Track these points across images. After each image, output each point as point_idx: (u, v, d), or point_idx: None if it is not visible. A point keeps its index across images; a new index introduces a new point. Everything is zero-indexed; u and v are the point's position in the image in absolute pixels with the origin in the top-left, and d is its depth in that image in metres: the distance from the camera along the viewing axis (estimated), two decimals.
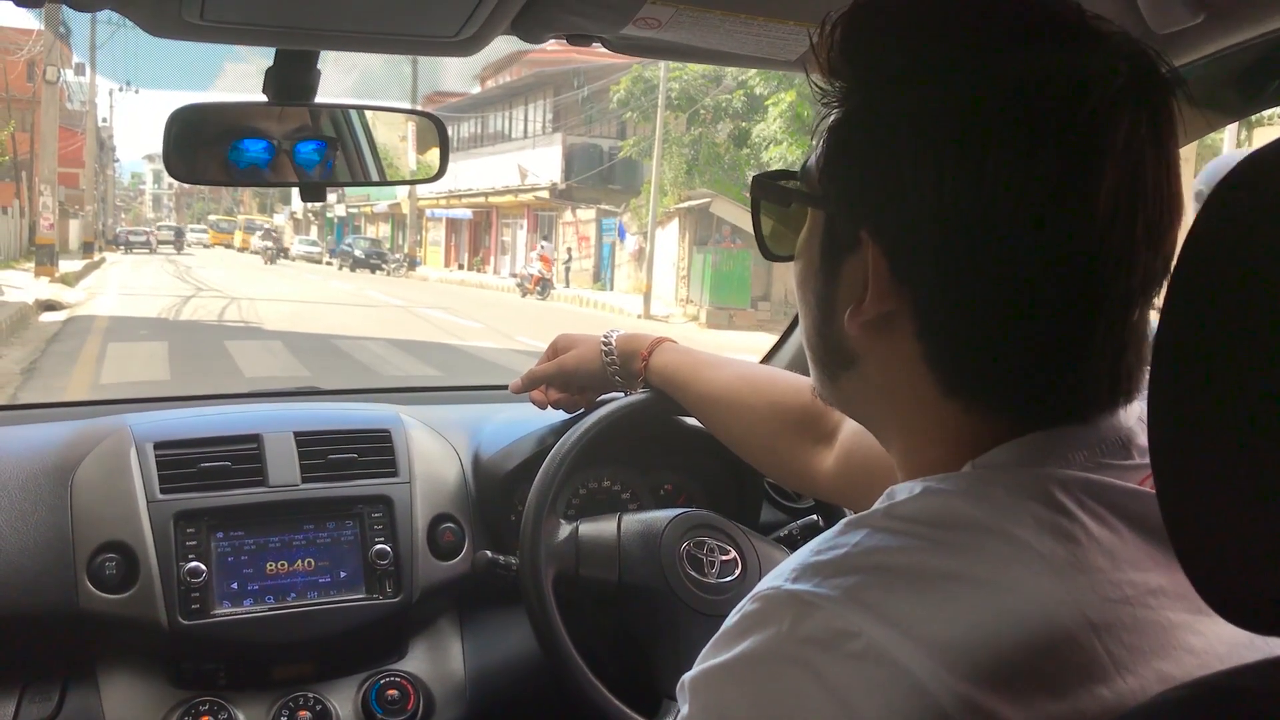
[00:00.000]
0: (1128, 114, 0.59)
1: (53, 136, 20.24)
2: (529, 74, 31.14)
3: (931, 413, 0.66)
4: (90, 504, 1.35)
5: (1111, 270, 0.60)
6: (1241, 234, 0.50)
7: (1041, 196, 0.59)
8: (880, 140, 0.63)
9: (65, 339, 12.67)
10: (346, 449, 1.49)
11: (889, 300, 0.64)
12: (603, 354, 1.43)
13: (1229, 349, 0.49)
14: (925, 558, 0.59)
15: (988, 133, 0.59)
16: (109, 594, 1.30)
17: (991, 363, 0.63)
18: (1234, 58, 1.13)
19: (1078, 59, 0.60)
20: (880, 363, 0.68)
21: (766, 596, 0.61)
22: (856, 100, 0.65)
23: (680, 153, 21.78)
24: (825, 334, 0.71)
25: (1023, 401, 0.64)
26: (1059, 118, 0.59)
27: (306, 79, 1.21)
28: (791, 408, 1.26)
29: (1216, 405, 0.49)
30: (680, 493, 1.64)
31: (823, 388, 0.75)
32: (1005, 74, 0.60)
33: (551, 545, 1.32)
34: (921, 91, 0.61)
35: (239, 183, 1.29)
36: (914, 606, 0.57)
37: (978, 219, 0.60)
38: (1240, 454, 0.48)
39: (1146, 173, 0.60)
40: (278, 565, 1.39)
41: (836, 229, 0.67)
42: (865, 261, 0.64)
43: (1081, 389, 0.63)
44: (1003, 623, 0.56)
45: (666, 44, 1.14)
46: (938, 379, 0.65)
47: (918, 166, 0.61)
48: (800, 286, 0.73)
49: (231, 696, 1.34)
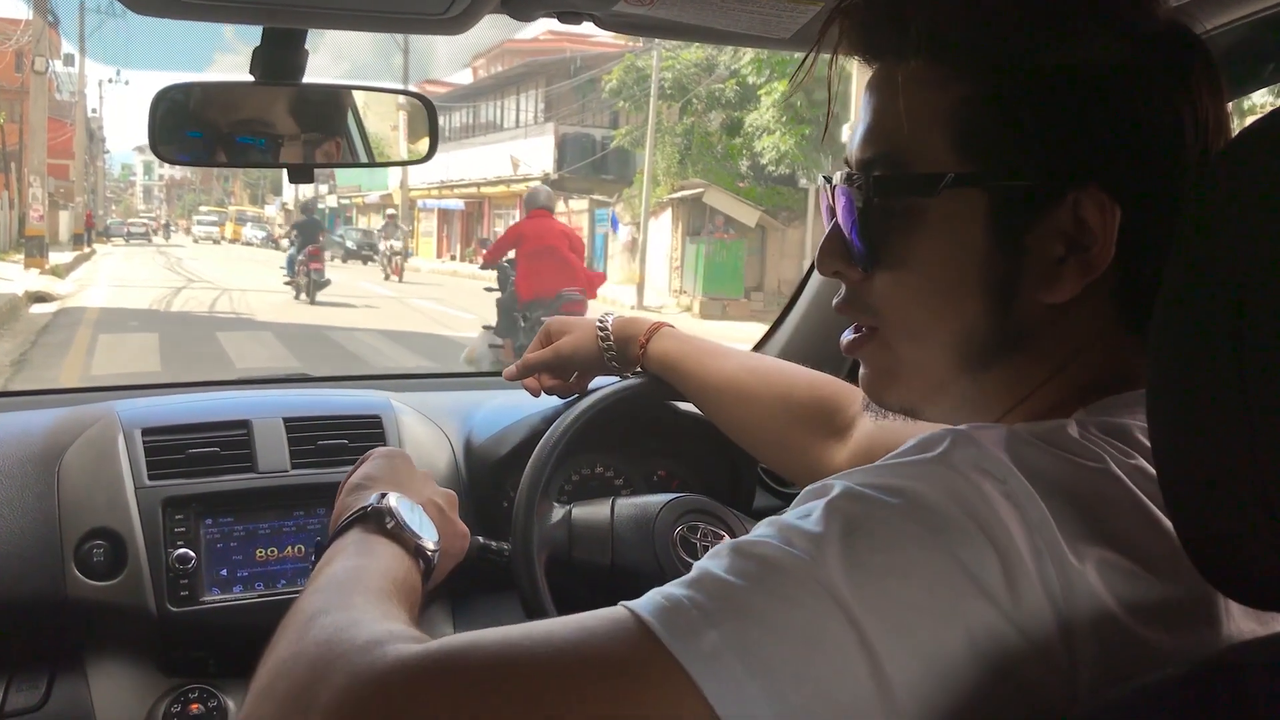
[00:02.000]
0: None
1: (42, 127, 20.13)
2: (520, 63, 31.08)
3: (1114, 360, 0.68)
4: (78, 490, 1.34)
5: None
6: (1240, 209, 0.50)
7: (1193, 142, 0.65)
8: (1080, 93, 0.64)
9: (55, 331, 12.63)
10: (337, 435, 1.48)
11: (1108, 253, 0.65)
12: (599, 339, 1.42)
13: (1227, 323, 0.48)
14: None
15: (1188, 77, 0.65)
16: (97, 581, 1.29)
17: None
18: (1225, 38, 1.13)
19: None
20: (1068, 331, 0.68)
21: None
22: (1007, 67, 0.64)
23: (673, 142, 21.73)
24: (999, 320, 0.67)
25: None
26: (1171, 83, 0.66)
27: (294, 59, 1.19)
28: (803, 400, 1.25)
29: (1217, 382, 0.49)
30: (673, 478, 1.63)
31: (941, 391, 0.72)
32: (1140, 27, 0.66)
33: (544, 528, 1.31)
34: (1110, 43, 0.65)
35: (224, 163, 1.28)
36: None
37: (1191, 161, 0.65)
38: (1240, 432, 0.48)
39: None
40: (268, 552, 1.38)
41: (1014, 199, 0.65)
42: (1062, 225, 0.65)
43: None
44: None
45: (658, 21, 1.13)
46: (1130, 321, 0.67)
47: (1143, 110, 0.64)
48: (944, 285, 0.68)
49: (221, 684, 1.33)
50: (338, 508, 1.01)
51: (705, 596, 0.55)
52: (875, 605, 0.53)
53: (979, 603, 0.53)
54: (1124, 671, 0.54)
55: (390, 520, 0.92)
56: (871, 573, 0.54)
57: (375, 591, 0.79)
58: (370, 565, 0.85)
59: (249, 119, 1.23)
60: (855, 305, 0.74)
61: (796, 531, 0.57)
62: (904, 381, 0.73)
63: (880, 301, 0.71)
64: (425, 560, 0.93)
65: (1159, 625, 0.56)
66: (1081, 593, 0.54)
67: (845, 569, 0.54)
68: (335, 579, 0.81)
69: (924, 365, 0.71)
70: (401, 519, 0.93)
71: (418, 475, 1.08)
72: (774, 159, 18.41)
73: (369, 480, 1.03)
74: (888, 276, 0.70)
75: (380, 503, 0.94)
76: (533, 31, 31.61)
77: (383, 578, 0.82)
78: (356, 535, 0.91)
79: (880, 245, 0.70)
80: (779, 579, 0.55)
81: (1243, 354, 0.47)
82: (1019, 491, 0.56)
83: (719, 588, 0.56)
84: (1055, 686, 0.54)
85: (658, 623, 0.55)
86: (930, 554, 0.54)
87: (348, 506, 0.98)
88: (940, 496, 0.56)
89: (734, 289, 19.94)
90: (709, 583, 0.56)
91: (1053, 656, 0.54)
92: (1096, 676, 0.54)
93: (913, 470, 0.59)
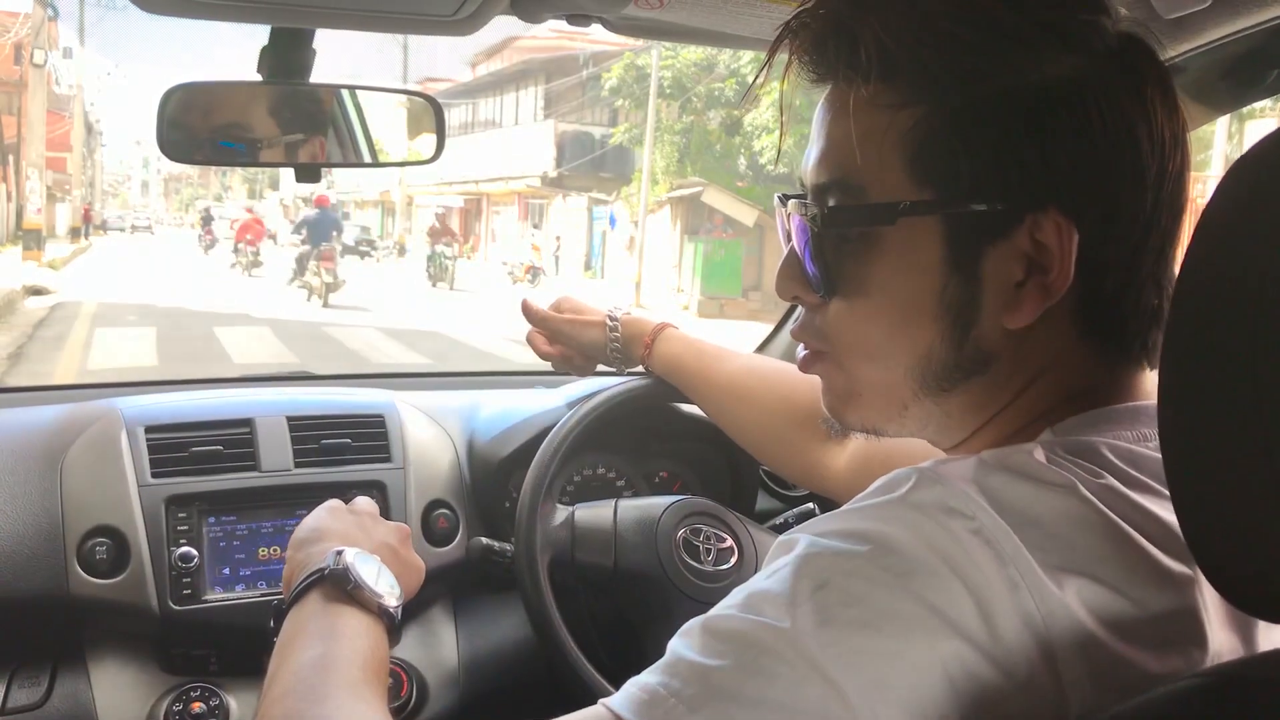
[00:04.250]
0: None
1: (40, 120, 20.06)
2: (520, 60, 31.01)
3: (1078, 378, 0.67)
4: (80, 488, 1.34)
5: (1176, 221, 0.66)
6: (1255, 218, 0.49)
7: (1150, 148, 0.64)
8: (1027, 119, 0.62)
9: (52, 324, 12.59)
10: (340, 434, 1.47)
11: (1067, 276, 0.64)
12: (607, 329, 1.41)
13: (1241, 334, 0.48)
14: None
15: (1146, 95, 0.64)
16: (99, 579, 1.29)
17: (1130, 317, 0.66)
18: (1232, 46, 1.13)
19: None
20: (1030, 352, 0.67)
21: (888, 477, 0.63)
22: (968, 86, 0.63)
23: (672, 141, 21.72)
24: (958, 344, 0.66)
25: (1145, 354, 0.68)
26: (1121, 90, 0.64)
27: (302, 58, 1.19)
28: (804, 403, 1.25)
29: (1228, 391, 0.49)
30: (675, 480, 1.63)
31: (905, 417, 0.71)
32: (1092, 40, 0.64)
33: (547, 530, 1.31)
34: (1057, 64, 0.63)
35: (233, 163, 1.28)
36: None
37: (1155, 182, 0.64)
38: (1252, 441, 0.48)
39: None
40: (270, 550, 1.38)
41: (965, 225, 0.64)
42: (1020, 247, 0.63)
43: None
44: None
45: (667, 25, 1.13)
46: (1092, 339, 0.67)
47: (1111, 134, 0.63)
48: (903, 311, 0.67)
49: (223, 683, 1.33)
50: (290, 566, 0.97)
51: (682, 683, 0.56)
52: (851, 662, 0.53)
53: (954, 643, 0.53)
54: (1114, 696, 0.54)
55: (350, 583, 0.89)
56: (844, 628, 0.54)
57: (348, 685, 0.78)
58: (339, 652, 0.82)
59: (256, 118, 1.23)
60: (809, 330, 0.73)
61: (765, 598, 0.58)
62: (865, 402, 0.72)
63: (835, 328, 0.70)
64: (389, 618, 0.91)
65: (1145, 646, 0.56)
66: (1063, 620, 0.54)
67: (817, 629, 0.54)
68: (305, 674, 0.79)
69: (883, 388, 0.70)
70: (360, 578, 0.89)
71: (365, 518, 1.05)
72: (773, 158, 18.38)
73: (318, 534, 0.99)
74: (844, 304, 0.69)
75: (337, 563, 0.90)
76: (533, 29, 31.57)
77: (354, 665, 0.81)
78: (317, 604, 0.88)
79: (835, 273, 0.68)
80: (753, 654, 0.55)
81: (1257, 365, 0.47)
82: (989, 526, 0.56)
83: (694, 672, 0.56)
84: (1045, 717, 0.54)
85: (637, 719, 0.55)
86: (900, 601, 0.54)
87: (301, 565, 0.94)
88: (907, 539, 0.56)
89: (732, 288, 19.94)
90: (684, 668, 0.57)
91: (1039, 688, 0.54)
92: (1087, 702, 0.55)
93: (878, 513, 0.59)
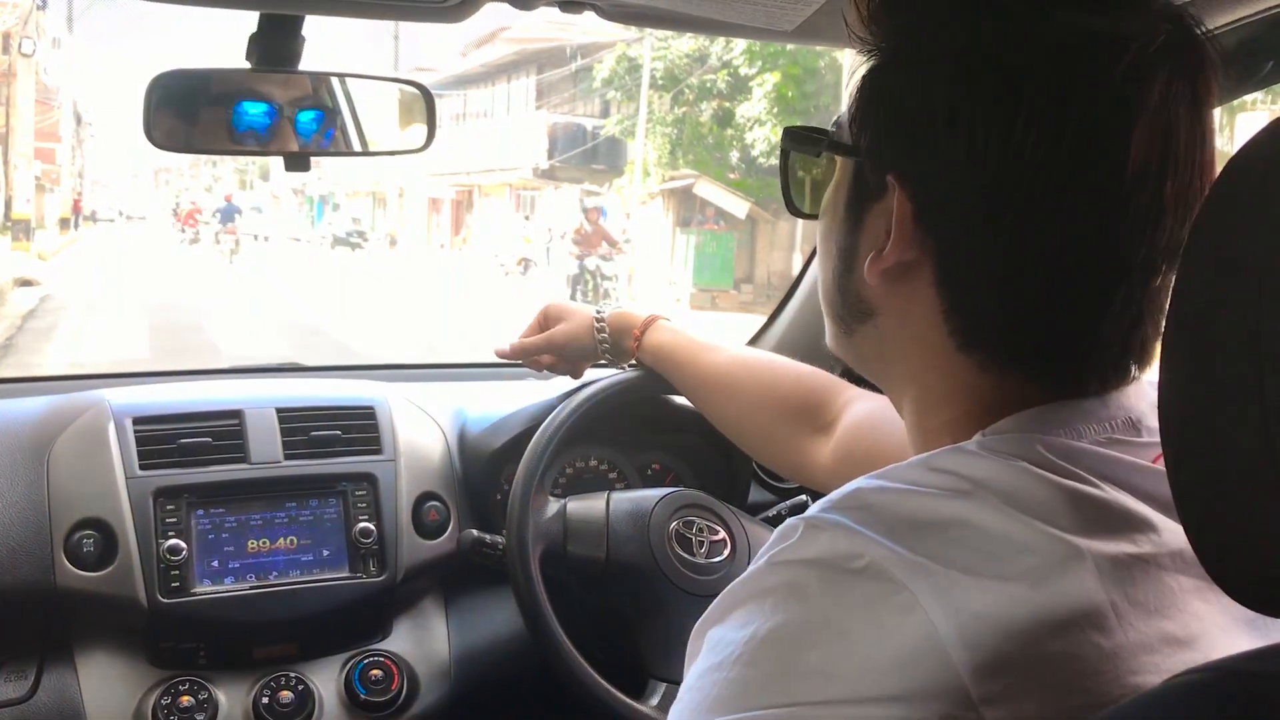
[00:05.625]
0: (1163, 74, 0.59)
1: (28, 110, 19.98)
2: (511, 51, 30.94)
3: (946, 368, 0.66)
4: (67, 480, 1.33)
5: (1137, 233, 0.60)
6: (1259, 206, 0.49)
7: (1070, 152, 0.58)
8: (916, 85, 0.63)
9: (42, 315, 12.55)
10: (330, 426, 1.47)
11: (910, 249, 0.64)
12: (595, 329, 1.41)
13: (1244, 325, 0.48)
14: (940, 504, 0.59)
15: (1022, 85, 0.59)
16: (87, 572, 1.28)
17: (1009, 317, 0.63)
18: (1227, 37, 1.12)
19: (1119, 21, 0.60)
20: (898, 315, 0.68)
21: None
22: (896, 46, 0.65)
23: (664, 133, 21.69)
24: (844, 285, 0.71)
25: (1037, 362, 0.64)
26: (1094, 75, 0.58)
27: (291, 45, 1.18)
28: (791, 396, 1.25)
29: (1229, 383, 0.48)
30: (668, 472, 1.62)
31: (837, 343, 0.76)
32: (1045, 30, 0.59)
33: (539, 522, 1.30)
34: (962, 39, 0.61)
35: (219, 152, 1.26)
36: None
37: (1006, 170, 0.59)
38: (1253, 433, 0.47)
39: (1179, 136, 0.60)
40: (259, 543, 1.37)
41: (864, 176, 0.68)
42: (890, 209, 0.64)
43: (1096, 354, 0.63)
44: None
45: (661, 12, 1.11)
46: (954, 331, 0.65)
47: (951, 113, 0.60)
48: (823, 240, 0.74)
49: (211, 676, 1.32)
50: None
51: None
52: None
53: (842, 709, 0.53)
54: (1035, 695, 0.53)
55: None
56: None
57: None
58: None
59: (245, 107, 1.22)
60: None
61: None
62: (829, 314, 0.76)
63: None
64: None
65: (1056, 639, 0.55)
66: (971, 628, 0.53)
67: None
68: None
69: (827, 305, 0.75)
70: None
71: None
72: (765, 151, 18.39)
73: None
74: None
75: None
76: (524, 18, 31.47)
77: None
78: None
79: (791, 189, 0.79)
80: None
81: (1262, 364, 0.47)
82: (879, 558, 0.56)
83: None
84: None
85: None
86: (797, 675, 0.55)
87: None
88: (792, 611, 0.57)
89: (724, 280, 19.93)
90: None
91: (950, 702, 0.53)
92: (1004, 708, 0.53)
93: (759, 581, 0.59)
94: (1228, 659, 0.50)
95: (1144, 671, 0.56)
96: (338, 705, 1.35)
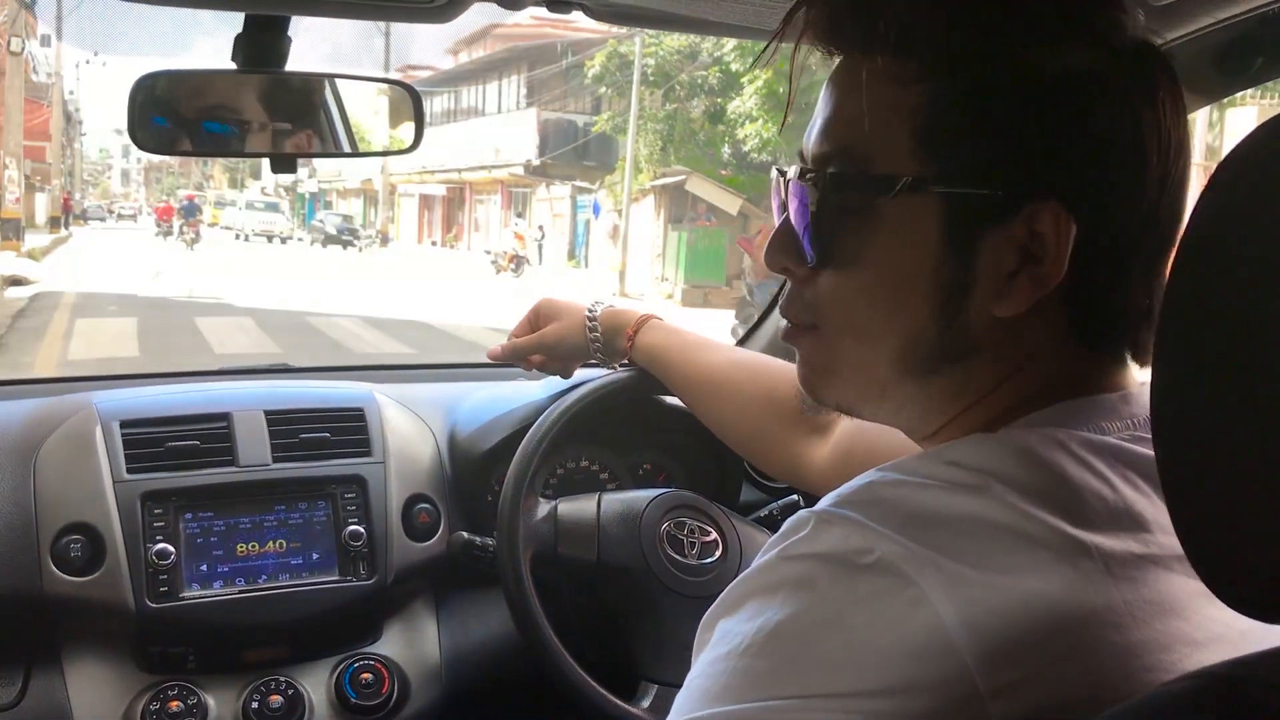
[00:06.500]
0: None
1: (17, 109, 19.91)
2: (502, 48, 30.89)
3: (1064, 371, 0.66)
4: (54, 484, 1.32)
5: (1174, 225, 0.65)
6: (1251, 205, 0.49)
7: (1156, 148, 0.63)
8: (1062, 109, 0.61)
9: (31, 315, 12.50)
10: (319, 428, 1.46)
11: (1061, 269, 0.62)
12: (587, 328, 1.40)
13: (1236, 326, 0.47)
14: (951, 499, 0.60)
15: (1123, 94, 0.62)
16: (74, 576, 1.27)
17: (1120, 315, 0.65)
18: (1221, 33, 1.12)
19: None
20: (1015, 342, 0.65)
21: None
22: (976, 69, 0.62)
23: (655, 129, 21.68)
24: (944, 327, 0.65)
25: (1132, 352, 0.67)
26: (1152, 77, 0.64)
27: (277, 46, 1.17)
28: (785, 396, 1.23)
29: (1222, 386, 0.48)
30: (659, 472, 1.62)
31: (881, 394, 0.69)
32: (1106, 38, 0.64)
33: (530, 524, 1.30)
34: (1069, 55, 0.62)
35: (205, 153, 1.25)
36: None
37: (1166, 178, 0.63)
38: (1247, 438, 0.47)
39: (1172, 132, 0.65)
40: (248, 546, 1.36)
41: (965, 210, 0.62)
42: (1018, 235, 0.62)
43: None
44: None
45: (650, 11, 1.11)
46: (1081, 334, 0.65)
47: (1136, 137, 0.63)
48: (892, 288, 0.65)
49: (201, 681, 1.31)
50: None
51: None
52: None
53: (850, 701, 0.54)
54: (1039, 696, 0.54)
55: None
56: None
57: None
58: None
59: (231, 107, 1.21)
60: (797, 303, 0.71)
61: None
62: (843, 379, 0.70)
63: (826, 300, 0.68)
64: None
65: (1065, 634, 0.55)
66: (979, 622, 0.54)
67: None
68: None
69: (865, 366, 0.68)
70: None
71: None
72: (756, 147, 18.41)
73: None
74: (836, 276, 0.67)
75: None
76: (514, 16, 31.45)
77: None
78: None
79: (832, 243, 0.67)
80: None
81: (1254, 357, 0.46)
82: (888, 553, 0.56)
83: None
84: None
85: None
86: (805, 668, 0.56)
87: None
88: (800, 606, 0.57)
89: (716, 276, 19.94)
90: None
91: (957, 699, 0.53)
92: (1011, 707, 0.54)
93: (780, 569, 0.60)
94: (1219, 665, 0.50)
95: (1158, 670, 0.56)
96: (328, 709, 1.35)
